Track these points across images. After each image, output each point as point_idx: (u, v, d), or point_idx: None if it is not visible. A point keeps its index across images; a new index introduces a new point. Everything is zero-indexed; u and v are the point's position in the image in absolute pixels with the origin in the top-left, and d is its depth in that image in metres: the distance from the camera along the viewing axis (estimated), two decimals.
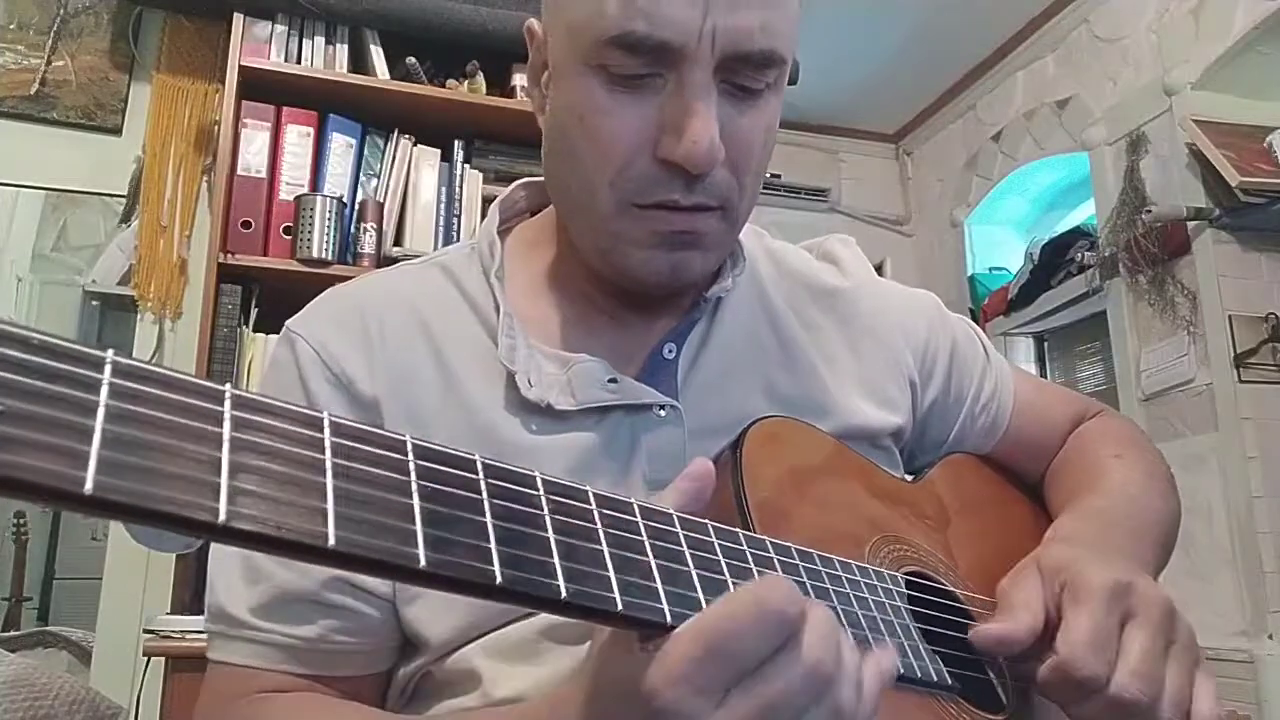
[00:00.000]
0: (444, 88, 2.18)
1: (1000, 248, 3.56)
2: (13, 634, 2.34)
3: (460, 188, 2.18)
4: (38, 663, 1.78)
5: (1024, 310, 3.12)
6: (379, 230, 2.07)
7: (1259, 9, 2.36)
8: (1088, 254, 2.80)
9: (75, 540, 2.54)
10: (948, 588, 0.62)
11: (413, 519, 0.31)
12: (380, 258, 2.04)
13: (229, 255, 1.96)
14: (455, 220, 2.17)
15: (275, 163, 2.06)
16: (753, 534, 0.45)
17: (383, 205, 2.10)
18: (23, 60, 2.37)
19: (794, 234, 0.90)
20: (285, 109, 2.08)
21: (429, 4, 2.14)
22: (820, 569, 0.49)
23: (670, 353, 0.67)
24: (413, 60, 2.14)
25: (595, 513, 0.37)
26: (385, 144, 2.17)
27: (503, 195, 0.76)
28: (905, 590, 0.57)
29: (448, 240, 2.15)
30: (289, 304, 0.76)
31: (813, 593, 0.48)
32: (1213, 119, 2.44)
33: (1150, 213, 2.46)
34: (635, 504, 0.40)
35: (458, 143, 2.19)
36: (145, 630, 1.70)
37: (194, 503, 0.26)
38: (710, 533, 0.42)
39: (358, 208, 2.09)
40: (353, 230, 2.08)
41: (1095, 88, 2.89)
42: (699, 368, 0.68)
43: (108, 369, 0.26)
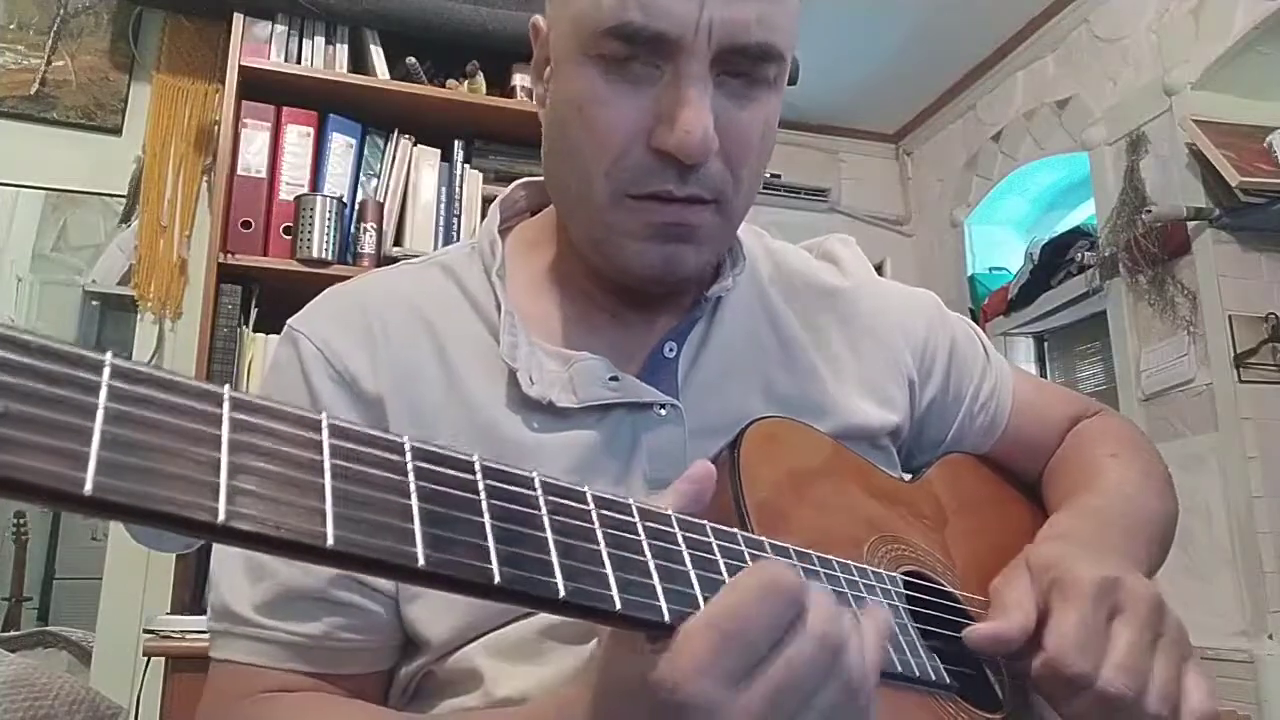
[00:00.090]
0: (444, 88, 2.18)
1: (1000, 248, 3.56)
2: (13, 634, 2.34)
3: (460, 188, 2.18)
4: (38, 663, 1.78)
5: (1024, 310, 3.12)
6: (379, 230, 2.07)
7: (1259, 9, 2.36)
8: (1088, 254, 2.80)
9: (75, 540, 2.54)
10: (945, 587, 0.62)
11: (411, 519, 0.31)
12: (380, 258, 2.04)
13: (229, 255, 1.96)
14: (455, 220, 2.17)
15: (275, 163, 2.06)
16: (750, 534, 0.45)
17: (383, 205, 2.10)
18: (23, 60, 2.37)
19: (794, 234, 0.90)
20: (285, 109, 2.08)
21: (429, 4, 2.14)
22: (818, 569, 0.50)
23: (671, 352, 0.67)
24: (413, 60, 2.14)
25: (593, 513, 0.37)
26: (385, 144, 2.17)
27: (503, 195, 0.76)
28: (903, 590, 0.57)
29: (448, 240, 2.15)
30: (289, 304, 0.76)
31: None
32: (1213, 119, 2.44)
33: (1150, 213, 2.46)
34: (633, 504, 0.40)
35: (458, 143, 2.19)
36: (145, 630, 1.70)
37: (193, 503, 0.26)
38: (708, 533, 0.42)
39: (358, 208, 2.09)
40: (353, 230, 2.08)
41: (1095, 88, 2.89)
42: (699, 367, 0.68)
43: (106, 371, 0.26)
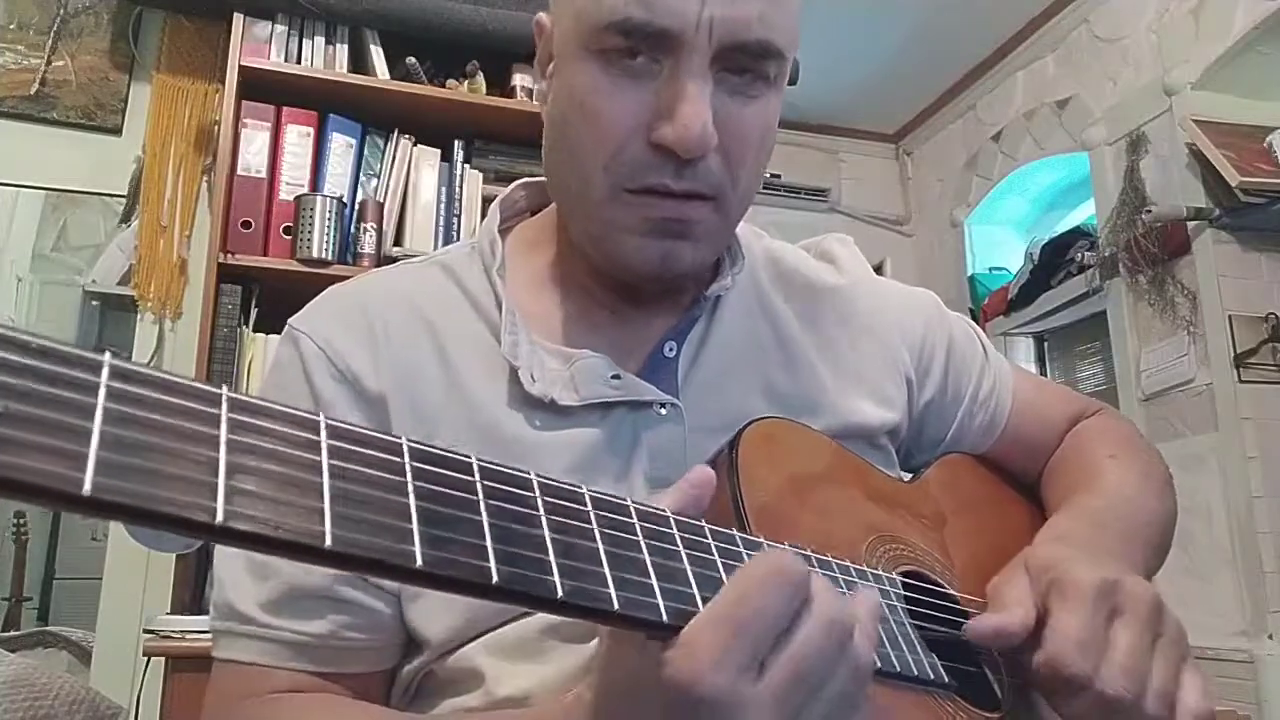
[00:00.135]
0: (444, 88, 2.18)
1: (1000, 248, 3.56)
2: (13, 634, 2.34)
3: (460, 188, 2.18)
4: (38, 663, 1.78)
5: (1024, 310, 3.12)
6: (379, 230, 2.07)
7: (1259, 9, 2.36)
8: (1088, 254, 2.80)
9: (75, 540, 2.54)
10: (944, 587, 0.62)
11: (409, 519, 0.31)
12: (380, 258, 2.04)
13: (229, 255, 1.96)
14: (455, 220, 2.17)
15: (275, 163, 2.06)
16: (748, 535, 0.45)
17: (383, 205, 2.10)
18: (23, 60, 2.37)
19: (794, 234, 0.90)
20: (285, 109, 2.08)
21: (429, 4, 2.14)
22: (816, 569, 0.49)
23: (671, 351, 0.67)
24: (413, 60, 2.14)
25: (591, 513, 0.37)
26: (385, 144, 2.17)
27: (502, 195, 0.76)
28: (901, 590, 0.57)
29: (448, 240, 2.15)
30: (289, 304, 0.76)
31: None
32: (1213, 119, 2.44)
33: (1150, 213, 2.46)
34: (631, 505, 0.40)
35: (458, 143, 2.19)
36: (145, 630, 1.70)
37: (192, 503, 0.26)
38: (706, 534, 0.42)
39: (358, 208, 2.09)
40: (353, 230, 2.08)
41: (1095, 88, 2.89)
42: (699, 366, 0.68)
43: (105, 372, 0.26)
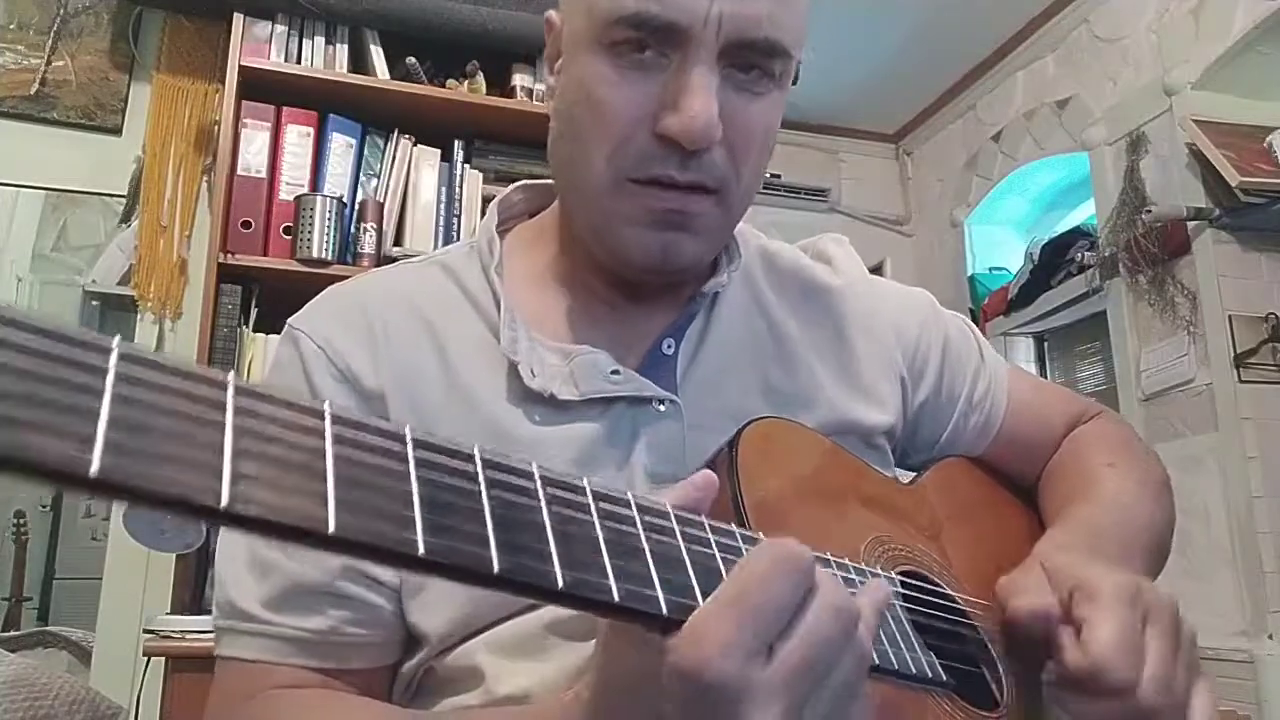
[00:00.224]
0: (444, 88, 2.18)
1: (1000, 248, 3.55)
2: (13, 634, 2.34)
3: (460, 188, 2.18)
4: (38, 663, 1.78)
5: (1024, 310, 3.12)
6: (379, 230, 2.07)
7: (1259, 9, 2.36)
8: (1088, 254, 2.80)
9: (75, 540, 2.54)
10: (942, 587, 0.62)
11: (412, 506, 0.31)
12: (380, 258, 2.04)
13: (229, 255, 1.96)
14: (455, 220, 2.17)
15: (275, 163, 2.06)
16: (748, 531, 0.45)
17: (383, 205, 2.10)
18: (23, 60, 2.37)
19: (794, 234, 0.90)
20: (285, 109, 2.08)
21: (429, 4, 2.14)
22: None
23: (669, 348, 0.68)
24: (413, 60, 2.14)
25: (592, 505, 0.37)
26: (385, 144, 2.17)
27: (501, 195, 0.76)
28: (900, 590, 0.57)
29: (448, 240, 2.15)
30: (289, 304, 0.76)
31: None
32: (1213, 119, 2.43)
33: (1150, 213, 2.46)
34: (632, 499, 0.40)
35: (458, 143, 2.19)
36: (145, 630, 1.70)
37: (197, 486, 0.26)
38: (706, 528, 0.43)
39: (358, 208, 2.09)
40: (353, 230, 2.08)
41: (1095, 88, 2.89)
42: (698, 364, 0.68)
43: (114, 356, 0.26)
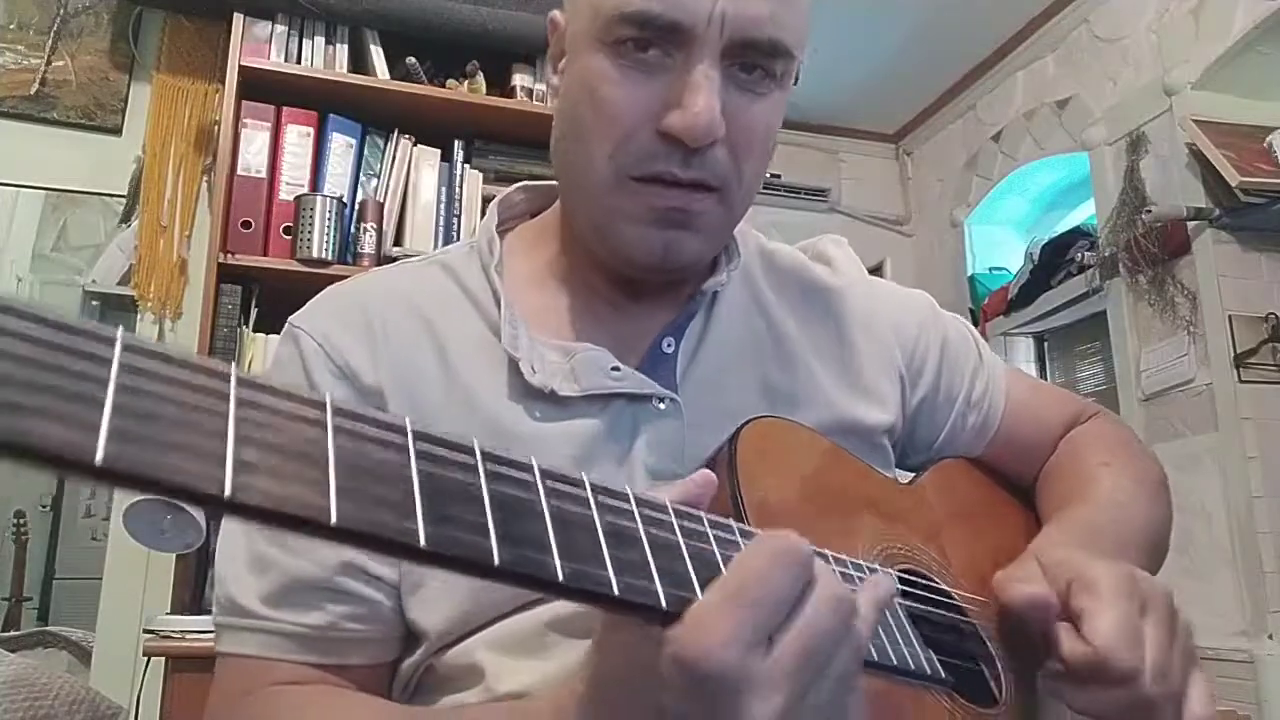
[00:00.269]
0: (444, 88, 2.18)
1: (1000, 248, 3.55)
2: (13, 634, 2.34)
3: (460, 188, 2.18)
4: (38, 663, 1.78)
5: (1024, 310, 3.12)
6: (379, 230, 2.07)
7: (1259, 9, 2.36)
8: (1088, 254, 2.80)
9: (75, 540, 2.54)
10: (941, 585, 0.62)
11: (413, 498, 0.31)
12: (380, 258, 2.04)
13: (229, 255, 1.96)
14: (455, 220, 2.17)
15: (275, 163, 2.06)
16: (746, 527, 0.45)
17: (383, 205, 2.10)
18: (23, 60, 2.37)
19: (794, 234, 0.90)
20: (285, 109, 2.08)
21: (429, 4, 2.14)
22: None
23: (669, 346, 0.68)
24: (413, 60, 2.14)
25: (591, 500, 0.38)
26: (385, 144, 2.17)
27: (501, 196, 0.77)
28: (899, 587, 0.57)
29: (448, 240, 2.15)
30: (289, 304, 0.76)
31: None
32: (1213, 119, 2.43)
33: (1150, 213, 2.46)
34: (631, 494, 0.40)
35: (458, 143, 2.19)
36: (145, 630, 1.70)
37: (201, 474, 0.26)
38: (705, 523, 0.43)
39: (358, 208, 2.09)
40: (353, 230, 2.08)
41: (1095, 88, 2.89)
42: (698, 362, 0.68)
43: (118, 346, 0.27)
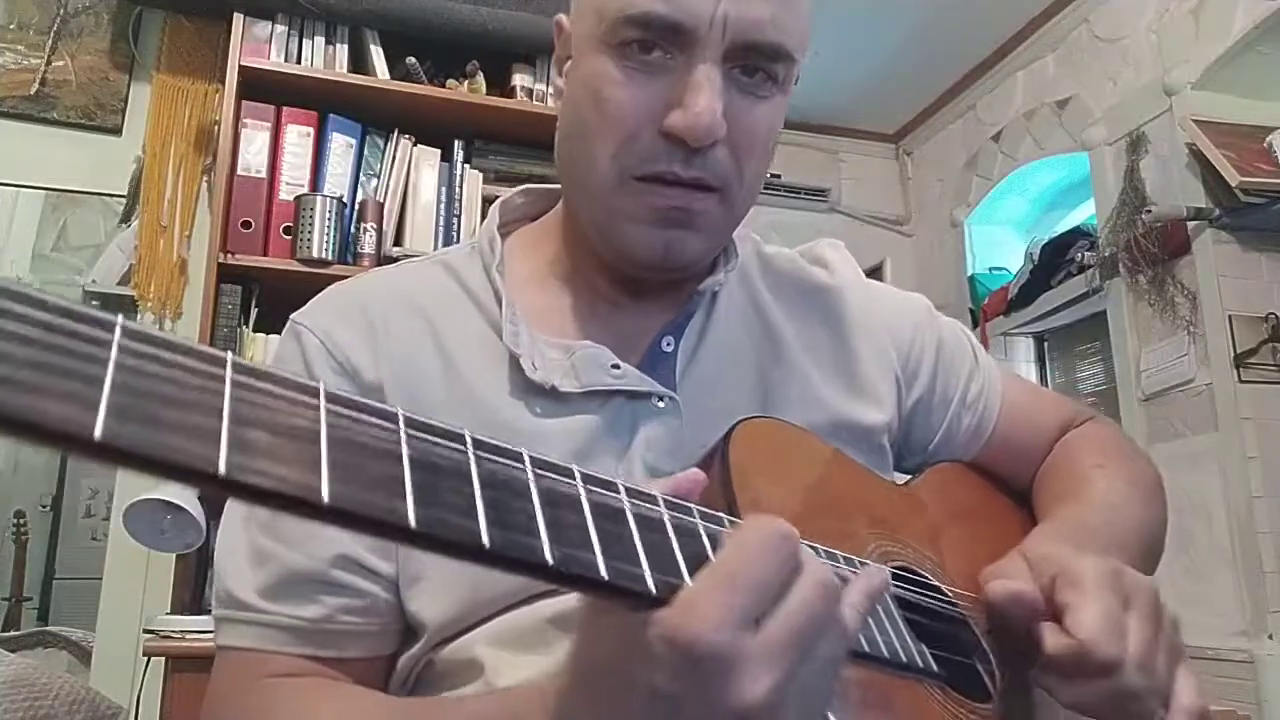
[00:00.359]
0: (444, 88, 2.18)
1: (1000, 248, 3.55)
2: (13, 634, 2.34)
3: (460, 188, 2.18)
4: (38, 663, 1.78)
5: (1024, 310, 3.12)
6: (379, 230, 2.07)
7: (1259, 9, 2.36)
8: (1088, 254, 2.80)
9: (75, 540, 2.55)
10: (934, 582, 0.62)
11: (403, 480, 0.32)
12: (380, 258, 2.04)
13: (229, 255, 1.97)
14: (455, 220, 2.17)
15: (275, 163, 2.06)
16: (735, 519, 0.46)
17: (383, 205, 2.10)
18: (23, 60, 2.37)
19: (794, 234, 0.91)
20: (285, 109, 2.09)
21: (429, 4, 2.14)
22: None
23: (668, 345, 0.68)
24: (413, 60, 2.14)
25: (580, 487, 0.38)
26: (385, 144, 2.17)
27: (503, 198, 0.77)
28: (892, 582, 0.57)
29: (448, 240, 2.15)
30: (289, 304, 0.76)
31: None
32: (1213, 119, 2.43)
33: (1150, 213, 2.46)
34: (620, 483, 0.41)
35: (458, 143, 2.19)
36: (145, 630, 1.70)
37: (197, 453, 0.27)
38: (694, 514, 0.43)
39: (358, 208, 2.09)
40: (353, 230, 2.08)
41: (1095, 88, 2.89)
42: (697, 362, 0.69)
43: (118, 330, 0.28)
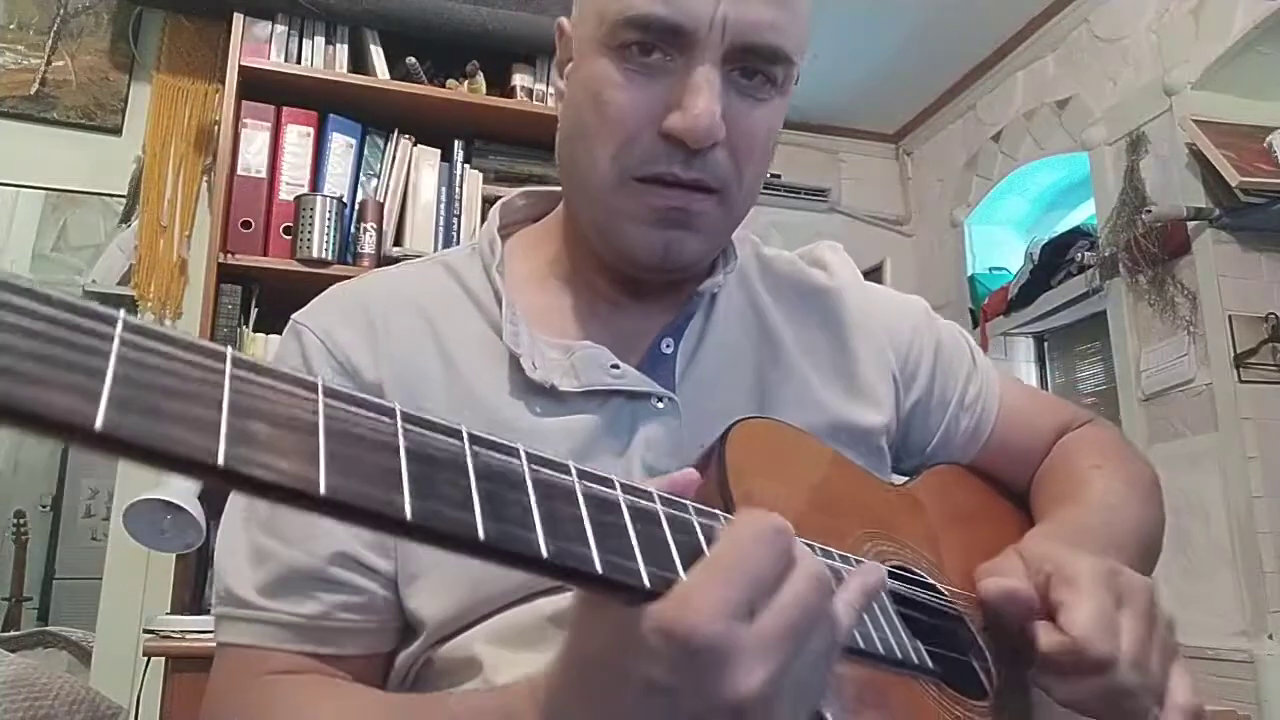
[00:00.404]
0: (444, 88, 2.18)
1: (1000, 248, 3.55)
2: (13, 634, 2.34)
3: (460, 188, 2.18)
4: (38, 663, 1.78)
5: (1024, 310, 3.12)
6: (379, 230, 2.07)
7: (1259, 9, 2.36)
8: (1088, 254, 2.80)
9: (75, 540, 2.55)
10: (931, 581, 0.62)
11: (400, 472, 0.32)
12: (380, 258, 2.04)
13: (229, 255, 1.97)
14: (455, 220, 2.17)
15: (275, 163, 2.06)
16: (729, 515, 0.46)
17: (383, 205, 2.10)
18: (23, 60, 2.37)
19: (794, 234, 0.91)
20: (285, 109, 2.09)
21: (429, 4, 2.14)
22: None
23: (668, 347, 0.69)
24: (413, 60, 2.14)
25: (575, 482, 0.39)
26: (385, 144, 2.17)
27: (504, 200, 0.78)
28: (889, 580, 0.57)
29: (448, 240, 2.15)
30: (289, 304, 0.77)
31: None
32: (1213, 119, 2.43)
33: (1150, 213, 2.46)
34: (616, 479, 0.41)
35: (458, 143, 2.19)
36: (145, 630, 1.70)
37: (196, 444, 0.27)
38: (690, 510, 0.44)
39: (358, 208, 2.09)
40: (353, 230, 2.08)
41: (1095, 88, 2.89)
42: (696, 363, 0.69)
43: (119, 325, 0.28)
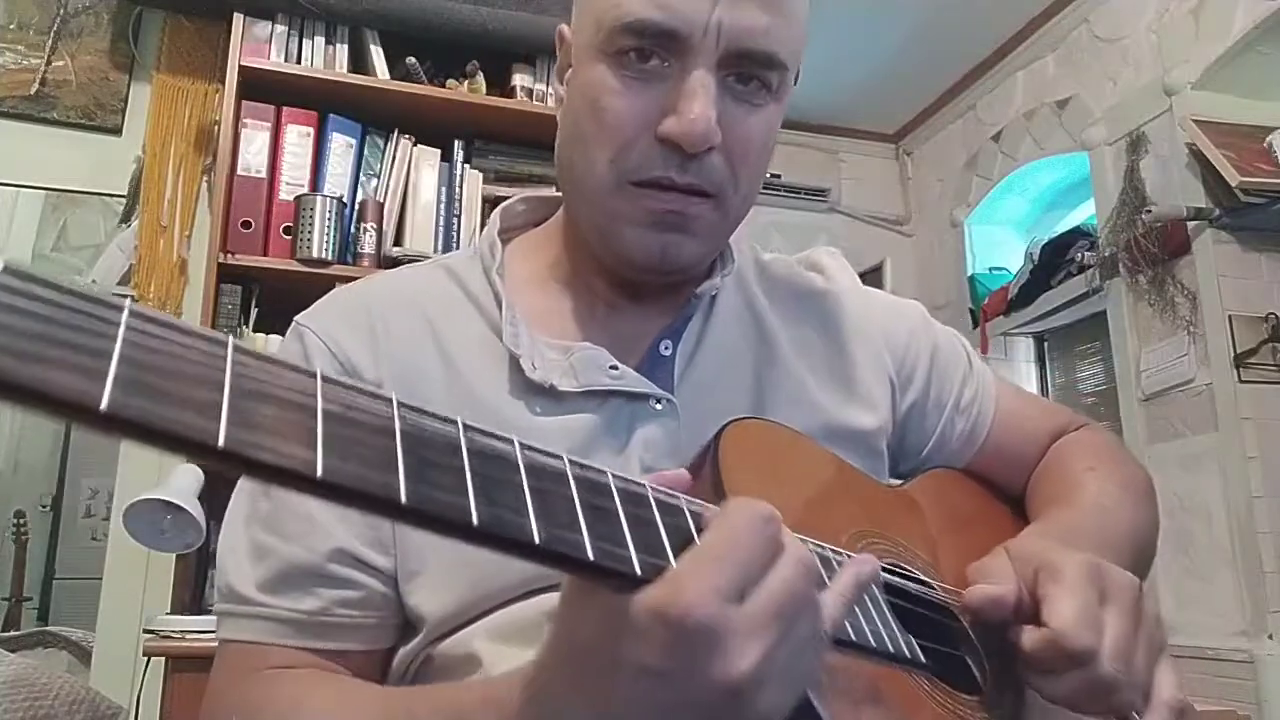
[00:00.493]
0: (444, 88, 2.18)
1: (1000, 248, 3.56)
2: (13, 634, 2.34)
3: (460, 188, 2.18)
4: (38, 663, 1.78)
5: (1024, 310, 3.12)
6: (379, 230, 2.07)
7: (1259, 9, 2.36)
8: (1088, 254, 2.80)
9: (75, 540, 2.55)
10: (924, 578, 0.63)
11: (395, 457, 0.33)
12: (380, 258, 2.04)
13: (229, 255, 1.97)
14: (455, 220, 2.17)
15: (275, 163, 2.06)
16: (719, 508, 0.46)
17: (383, 205, 2.10)
18: (23, 60, 2.37)
19: (794, 234, 0.91)
20: (285, 109, 2.09)
21: (429, 4, 2.14)
22: None
23: (667, 349, 0.69)
24: (413, 60, 2.14)
25: (568, 472, 0.39)
26: (385, 144, 2.18)
27: (505, 204, 0.79)
28: (883, 575, 0.57)
29: (448, 240, 2.16)
30: (289, 304, 0.77)
31: None
32: (1213, 119, 2.44)
33: (1150, 213, 2.46)
34: (609, 471, 0.42)
35: (458, 143, 2.19)
36: (145, 630, 1.71)
37: (198, 426, 0.29)
38: (681, 500, 0.44)
39: (358, 208, 2.09)
40: (353, 230, 2.08)
41: (1095, 88, 2.89)
42: (695, 366, 0.70)
43: (126, 312, 0.29)
